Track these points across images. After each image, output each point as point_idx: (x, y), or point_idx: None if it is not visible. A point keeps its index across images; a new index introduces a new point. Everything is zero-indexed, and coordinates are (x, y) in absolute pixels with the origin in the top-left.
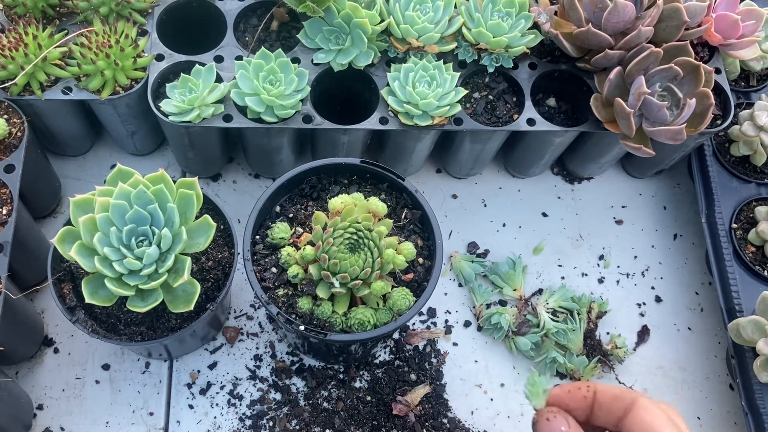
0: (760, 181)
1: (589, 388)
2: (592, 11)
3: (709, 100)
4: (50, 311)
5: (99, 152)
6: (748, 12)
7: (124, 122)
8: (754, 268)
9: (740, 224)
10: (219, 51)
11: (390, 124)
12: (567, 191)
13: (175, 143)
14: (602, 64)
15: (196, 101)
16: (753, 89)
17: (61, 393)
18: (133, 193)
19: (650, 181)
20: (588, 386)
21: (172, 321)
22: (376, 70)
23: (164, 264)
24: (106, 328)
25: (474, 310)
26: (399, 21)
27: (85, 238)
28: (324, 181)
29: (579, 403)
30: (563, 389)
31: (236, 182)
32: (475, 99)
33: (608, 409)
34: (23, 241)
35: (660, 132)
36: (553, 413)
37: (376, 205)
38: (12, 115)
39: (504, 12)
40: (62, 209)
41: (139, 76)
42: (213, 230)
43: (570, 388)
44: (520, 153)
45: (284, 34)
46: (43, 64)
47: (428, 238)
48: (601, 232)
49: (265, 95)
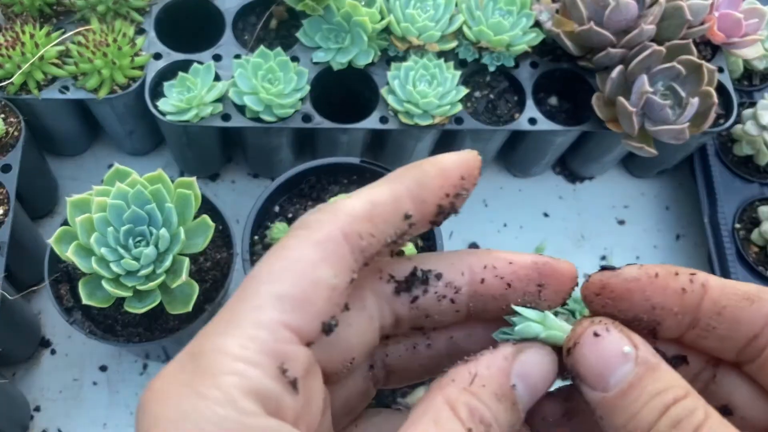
0: (763, 181)
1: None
2: (594, 9)
3: (711, 99)
4: (47, 312)
5: (96, 152)
6: (751, 11)
7: (122, 121)
8: (757, 268)
9: (743, 224)
10: (217, 50)
11: (390, 124)
12: (569, 191)
13: (173, 143)
14: (604, 63)
15: (194, 100)
16: (756, 88)
17: (58, 395)
18: (131, 193)
19: (652, 181)
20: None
21: (170, 322)
22: (376, 68)
23: (162, 265)
24: (103, 329)
25: None
26: (399, 19)
27: (82, 239)
28: (323, 180)
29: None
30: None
31: (235, 182)
32: (476, 98)
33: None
34: (20, 241)
35: (662, 131)
36: (605, 325)
37: None
38: (9, 115)
39: (505, 10)
40: (59, 209)
41: (136, 75)
42: (211, 230)
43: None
44: (522, 152)
45: (283, 33)
46: (40, 63)
47: (428, 238)
48: (603, 232)
49: (263, 94)
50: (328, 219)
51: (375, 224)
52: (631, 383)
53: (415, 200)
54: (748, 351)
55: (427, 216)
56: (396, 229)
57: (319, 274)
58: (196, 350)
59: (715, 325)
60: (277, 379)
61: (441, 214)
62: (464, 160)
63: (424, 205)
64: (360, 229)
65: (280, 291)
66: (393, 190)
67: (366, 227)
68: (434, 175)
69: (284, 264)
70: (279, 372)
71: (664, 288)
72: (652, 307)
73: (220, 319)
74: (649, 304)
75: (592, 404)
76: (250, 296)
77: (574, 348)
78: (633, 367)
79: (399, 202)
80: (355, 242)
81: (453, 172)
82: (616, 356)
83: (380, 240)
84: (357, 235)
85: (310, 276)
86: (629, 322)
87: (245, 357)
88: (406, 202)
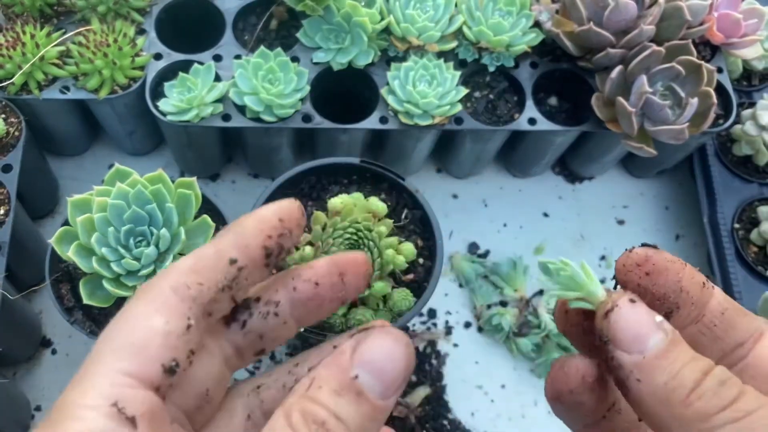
0: (762, 181)
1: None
2: (594, 10)
3: (711, 99)
4: (48, 312)
5: (97, 152)
6: (750, 11)
7: (122, 122)
8: (756, 268)
9: (742, 224)
10: (218, 50)
11: (390, 124)
12: (568, 191)
13: (174, 143)
14: (604, 63)
15: (194, 100)
16: (755, 88)
17: (59, 394)
18: (131, 193)
19: (652, 181)
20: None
21: None
22: (376, 69)
23: (163, 264)
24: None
25: (474, 311)
26: (399, 20)
27: (82, 239)
28: (323, 180)
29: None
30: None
31: (235, 182)
32: (475, 98)
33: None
34: (21, 241)
35: (662, 131)
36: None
37: (376, 205)
38: (9, 115)
39: (505, 11)
40: (60, 209)
41: (137, 76)
42: (212, 230)
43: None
44: (521, 153)
45: (283, 33)
46: (40, 64)
47: (429, 238)
48: (602, 232)
49: (264, 94)
50: (158, 278)
51: (200, 273)
52: (667, 347)
53: (238, 246)
54: (730, 357)
55: (255, 258)
56: (224, 274)
57: (152, 323)
58: (52, 408)
59: (716, 324)
60: (112, 417)
61: (270, 255)
62: (281, 206)
63: (248, 249)
64: (187, 281)
65: (118, 344)
66: (216, 242)
67: (192, 277)
68: (252, 222)
69: (121, 323)
70: (115, 411)
71: (692, 276)
72: (680, 289)
73: (72, 380)
74: (679, 285)
75: (627, 367)
76: (94, 355)
77: (611, 311)
78: (665, 335)
79: (221, 251)
80: (183, 292)
81: (270, 217)
82: (651, 322)
83: (210, 286)
84: (185, 285)
85: (143, 326)
86: (656, 299)
87: (84, 404)
88: (230, 250)
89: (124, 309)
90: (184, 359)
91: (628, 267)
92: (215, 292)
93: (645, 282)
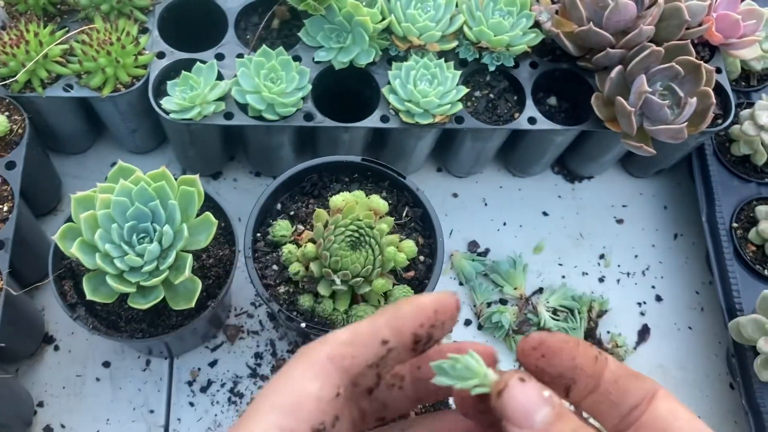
0: (760, 181)
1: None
2: (594, 10)
3: (710, 99)
4: (51, 308)
5: (100, 150)
6: (748, 12)
7: (125, 120)
8: (755, 267)
9: (741, 223)
10: (220, 49)
11: (391, 123)
12: (568, 190)
13: (176, 141)
14: (603, 63)
15: (197, 99)
16: (754, 89)
17: (61, 390)
18: (135, 190)
19: (651, 180)
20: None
21: (172, 318)
22: (377, 68)
23: (165, 261)
24: (107, 325)
25: (474, 309)
26: (400, 19)
27: (86, 235)
28: (325, 179)
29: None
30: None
31: (237, 180)
32: (476, 97)
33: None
34: (24, 238)
35: (661, 131)
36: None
37: (377, 203)
38: (13, 112)
39: (505, 11)
40: (63, 207)
41: (140, 74)
42: (214, 227)
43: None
44: (521, 152)
45: (285, 32)
46: (44, 62)
47: (429, 236)
48: (601, 231)
49: (266, 93)
50: (318, 345)
51: (355, 347)
52: (552, 421)
53: (392, 329)
54: (628, 419)
55: (405, 343)
56: (375, 352)
57: (308, 387)
58: None
59: (611, 391)
60: None
61: (419, 342)
62: (439, 298)
63: (401, 334)
64: (343, 352)
65: (277, 401)
66: (373, 321)
67: (348, 350)
68: (409, 309)
69: (282, 381)
70: None
71: (585, 353)
72: (574, 366)
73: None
74: (574, 362)
75: None
76: (254, 407)
77: (504, 390)
78: (552, 409)
79: (376, 331)
80: (338, 362)
81: (427, 307)
82: (539, 398)
83: (360, 361)
84: (340, 356)
85: (299, 389)
86: (553, 377)
87: None
88: (384, 331)
89: (285, 367)
90: (329, 424)
91: (525, 351)
92: (365, 367)
93: (542, 363)
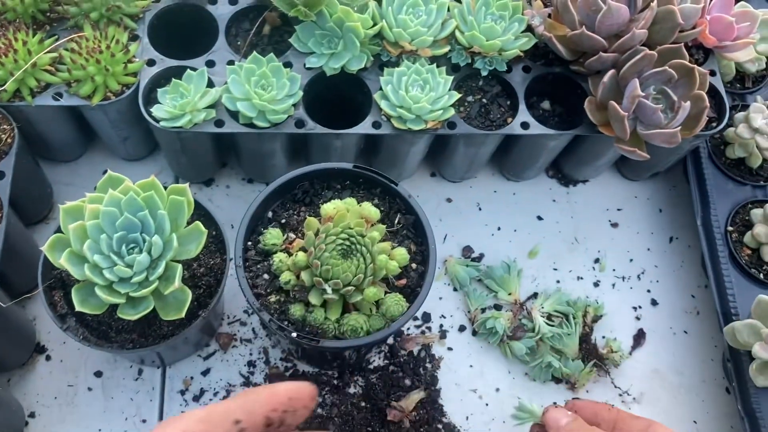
0: (755, 184)
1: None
2: (586, 14)
3: (703, 102)
4: (42, 318)
5: (91, 158)
6: (742, 14)
7: (116, 128)
8: (750, 271)
9: (736, 227)
10: (210, 56)
11: (383, 129)
12: (562, 194)
13: (167, 149)
14: (596, 67)
15: (187, 106)
16: (748, 91)
17: (53, 401)
18: (123, 200)
19: (646, 183)
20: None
21: (164, 328)
22: (369, 74)
23: (155, 271)
24: (97, 335)
25: (469, 315)
26: (392, 24)
27: (75, 246)
28: (316, 186)
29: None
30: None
31: (229, 187)
32: (468, 102)
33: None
34: (14, 247)
35: (654, 135)
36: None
37: (368, 211)
38: (2, 122)
39: (497, 15)
40: (54, 215)
41: (130, 82)
42: (204, 237)
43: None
44: (515, 156)
45: (276, 39)
46: (33, 70)
47: (422, 243)
48: (596, 235)
49: (257, 100)
50: (176, 421)
51: (208, 425)
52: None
53: (245, 411)
54: None
55: (257, 424)
56: (227, 430)
57: None
58: None
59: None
60: None
61: (272, 425)
62: (296, 387)
63: (253, 415)
64: (195, 428)
65: None
66: (228, 402)
67: (200, 427)
68: (265, 394)
69: None
70: None
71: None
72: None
73: None
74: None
75: None
76: None
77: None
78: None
79: (231, 412)
80: None
81: (281, 393)
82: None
83: None
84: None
85: None
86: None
87: None
88: (238, 412)
89: None
90: None
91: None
92: None
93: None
